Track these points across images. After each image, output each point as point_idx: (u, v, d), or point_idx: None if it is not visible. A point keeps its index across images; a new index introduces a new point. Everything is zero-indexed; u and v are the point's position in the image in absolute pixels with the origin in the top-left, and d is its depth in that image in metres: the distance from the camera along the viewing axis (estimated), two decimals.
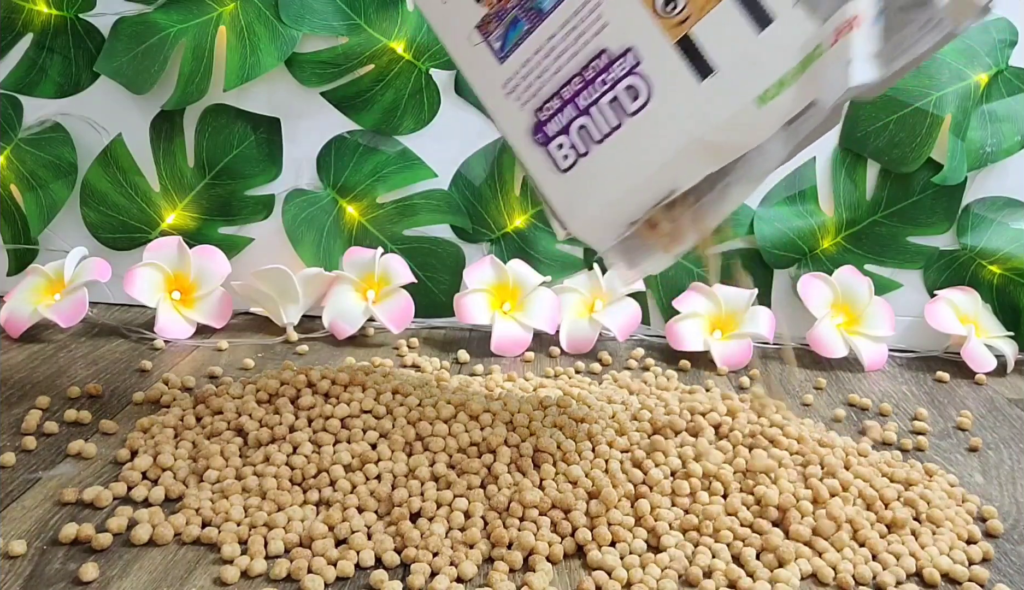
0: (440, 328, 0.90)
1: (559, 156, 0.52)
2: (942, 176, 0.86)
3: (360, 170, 0.88)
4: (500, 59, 0.53)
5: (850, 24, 0.45)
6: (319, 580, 0.47)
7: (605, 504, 0.53)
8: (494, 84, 0.53)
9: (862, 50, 0.46)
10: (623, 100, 0.50)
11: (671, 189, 0.51)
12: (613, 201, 0.52)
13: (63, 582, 0.46)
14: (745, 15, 0.47)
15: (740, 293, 0.85)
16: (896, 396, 0.78)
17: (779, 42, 0.47)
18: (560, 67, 0.51)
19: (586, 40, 0.50)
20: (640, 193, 0.51)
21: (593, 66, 0.50)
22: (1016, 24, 0.86)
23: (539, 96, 0.52)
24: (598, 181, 0.52)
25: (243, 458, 0.58)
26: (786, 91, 0.47)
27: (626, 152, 0.51)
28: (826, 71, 0.46)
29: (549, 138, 0.52)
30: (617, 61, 0.50)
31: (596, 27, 0.50)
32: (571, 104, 0.51)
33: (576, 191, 0.52)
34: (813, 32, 0.46)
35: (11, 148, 0.88)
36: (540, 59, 0.52)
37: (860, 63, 0.46)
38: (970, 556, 0.52)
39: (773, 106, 0.47)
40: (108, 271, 0.83)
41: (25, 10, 0.87)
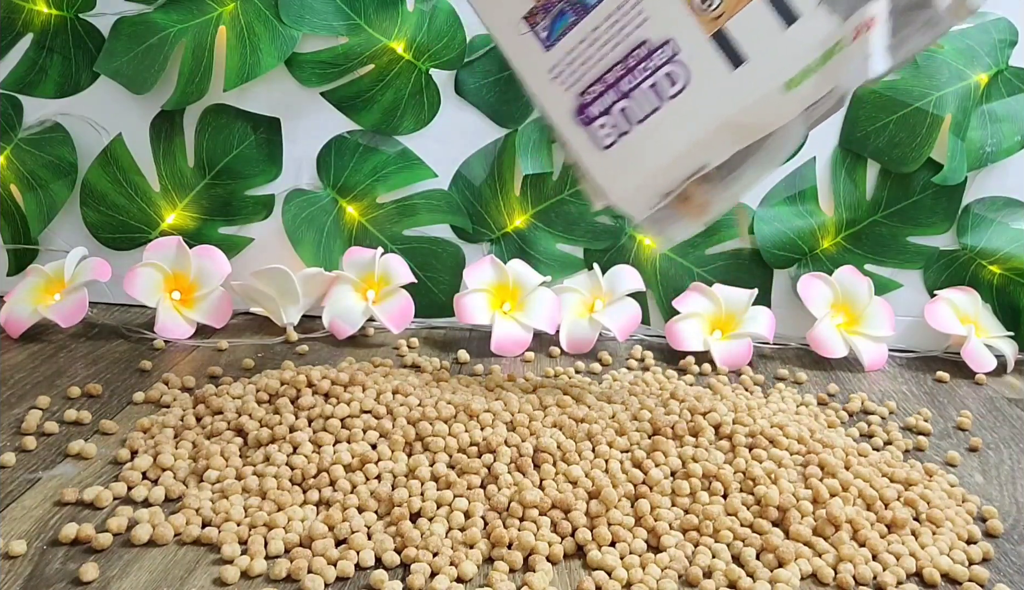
0: (440, 328, 0.90)
1: (601, 135, 0.58)
2: (942, 176, 0.86)
3: (360, 170, 0.88)
4: (546, 47, 0.58)
5: (868, 24, 0.52)
6: (319, 580, 0.47)
7: (605, 504, 0.53)
8: (539, 70, 0.59)
9: (878, 46, 0.52)
10: (662, 85, 0.56)
11: (703, 164, 0.57)
12: (650, 175, 0.58)
13: (63, 582, 0.46)
14: (774, 12, 0.53)
15: (740, 293, 0.85)
16: (896, 396, 0.78)
17: (804, 37, 0.53)
18: (604, 55, 0.57)
19: (628, 32, 0.56)
20: (675, 168, 0.57)
21: (635, 55, 0.56)
22: (1016, 24, 0.85)
23: (583, 81, 0.58)
24: (637, 157, 0.58)
25: (243, 458, 0.58)
26: (810, 79, 0.53)
27: (664, 131, 0.57)
28: (847, 63, 0.53)
29: (592, 119, 0.58)
30: (657, 51, 0.56)
31: (638, 20, 0.56)
32: (613, 88, 0.57)
33: (616, 166, 0.58)
34: (834, 29, 0.52)
35: (11, 148, 0.88)
36: (585, 48, 0.57)
37: (876, 57, 0.52)
38: (970, 556, 0.52)
39: (798, 92, 0.54)
40: (108, 271, 0.83)
41: (25, 10, 0.87)
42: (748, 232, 0.86)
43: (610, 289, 0.86)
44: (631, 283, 0.86)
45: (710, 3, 0.54)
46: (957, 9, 0.53)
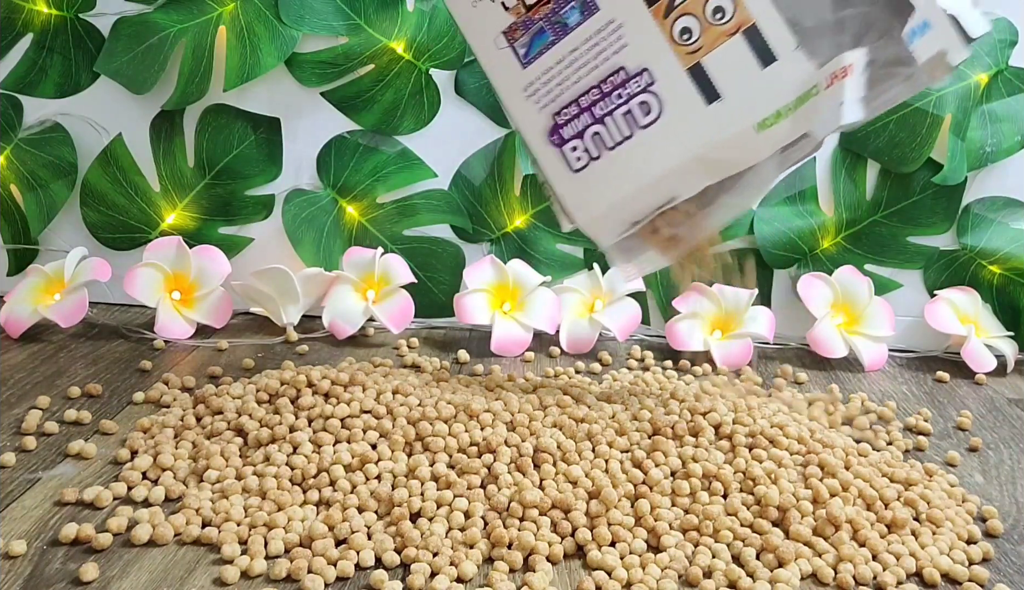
0: (440, 328, 0.90)
1: (572, 157, 0.58)
2: (942, 176, 0.86)
3: (360, 170, 0.88)
4: (524, 64, 0.58)
5: (844, 71, 0.52)
6: (319, 580, 0.47)
7: (605, 504, 0.53)
8: (515, 86, 0.59)
9: (852, 94, 0.52)
10: (636, 113, 0.56)
11: (672, 196, 0.57)
12: (618, 202, 0.58)
13: (63, 582, 0.46)
14: (751, 52, 0.54)
15: (740, 293, 0.85)
16: (896, 396, 0.78)
17: (780, 78, 0.53)
18: (580, 78, 0.57)
19: (606, 56, 0.56)
20: (643, 197, 0.57)
21: (611, 80, 0.56)
22: (1016, 24, 0.86)
23: (558, 102, 0.58)
24: (606, 183, 0.58)
25: (243, 458, 0.58)
26: (783, 122, 0.53)
27: (634, 160, 0.57)
28: (820, 108, 0.52)
29: (564, 140, 0.58)
30: (633, 78, 0.56)
31: (616, 46, 0.56)
32: (587, 112, 0.57)
33: (585, 190, 0.58)
34: (810, 74, 0.53)
35: (11, 148, 0.88)
36: (562, 69, 0.57)
37: (850, 105, 0.52)
38: (970, 556, 0.52)
39: (770, 133, 0.54)
40: (108, 271, 0.83)
41: (25, 10, 0.87)
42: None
43: (610, 289, 0.86)
44: (631, 283, 0.86)
45: (689, 36, 0.54)
46: (936, 67, 0.52)
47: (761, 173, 0.56)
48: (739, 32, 0.54)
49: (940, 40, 0.52)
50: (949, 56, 0.52)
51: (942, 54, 0.52)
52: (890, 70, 0.53)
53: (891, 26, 0.52)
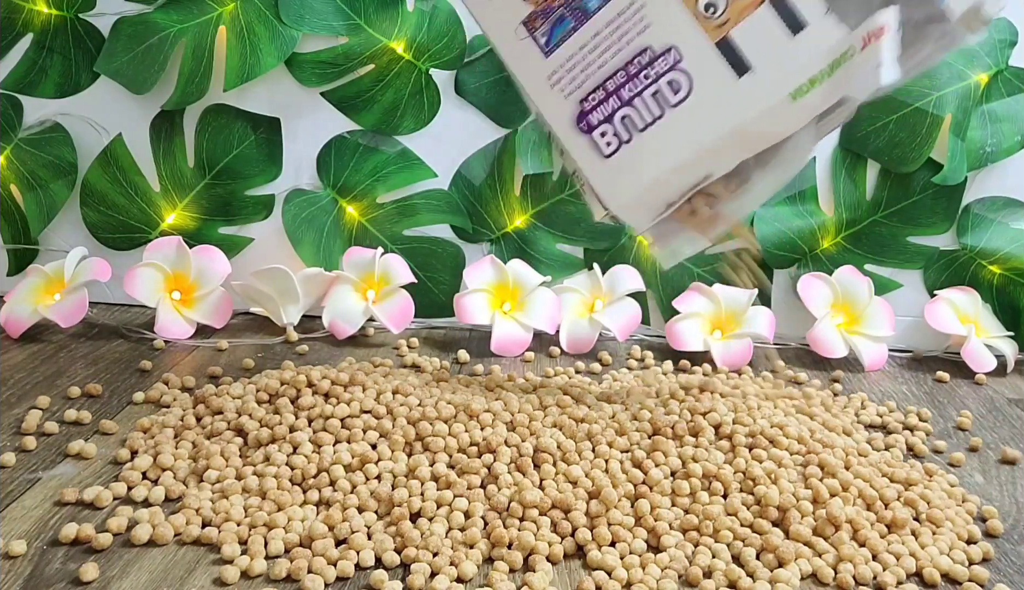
0: (440, 328, 0.90)
1: (602, 143, 0.57)
2: (942, 176, 0.86)
3: (360, 170, 0.88)
4: (546, 53, 0.57)
5: (880, 31, 0.51)
6: (319, 580, 0.47)
7: (605, 504, 0.53)
8: (539, 76, 0.58)
9: (888, 55, 0.51)
10: (665, 93, 0.55)
11: (707, 174, 0.56)
12: (653, 184, 0.57)
13: (63, 582, 0.46)
14: (780, 21, 0.53)
15: (740, 293, 0.85)
16: (896, 396, 0.78)
17: (811, 46, 0.52)
18: (604, 62, 0.56)
19: (630, 38, 0.55)
20: (678, 177, 0.57)
21: (637, 62, 0.56)
22: (1016, 24, 0.86)
23: (583, 88, 0.57)
24: (639, 166, 0.57)
25: (243, 458, 0.58)
26: (817, 89, 0.52)
27: (666, 139, 0.56)
28: (857, 72, 0.51)
29: (593, 126, 0.57)
30: (660, 58, 0.55)
31: (640, 27, 0.55)
32: (615, 96, 0.56)
33: (618, 175, 0.58)
34: (842, 38, 0.52)
35: (11, 148, 0.88)
36: (585, 54, 0.57)
37: (888, 66, 0.51)
38: (970, 556, 0.52)
39: (805, 102, 0.53)
40: (108, 271, 0.83)
41: (25, 10, 0.87)
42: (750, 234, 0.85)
43: (610, 289, 0.86)
44: (631, 283, 0.86)
45: (714, 10, 0.54)
46: (971, 20, 0.52)
47: (798, 144, 0.55)
48: (766, 2, 0.53)
49: None
50: (985, 8, 0.51)
51: (977, 7, 0.51)
52: (924, 30, 0.52)
53: None
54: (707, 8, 0.54)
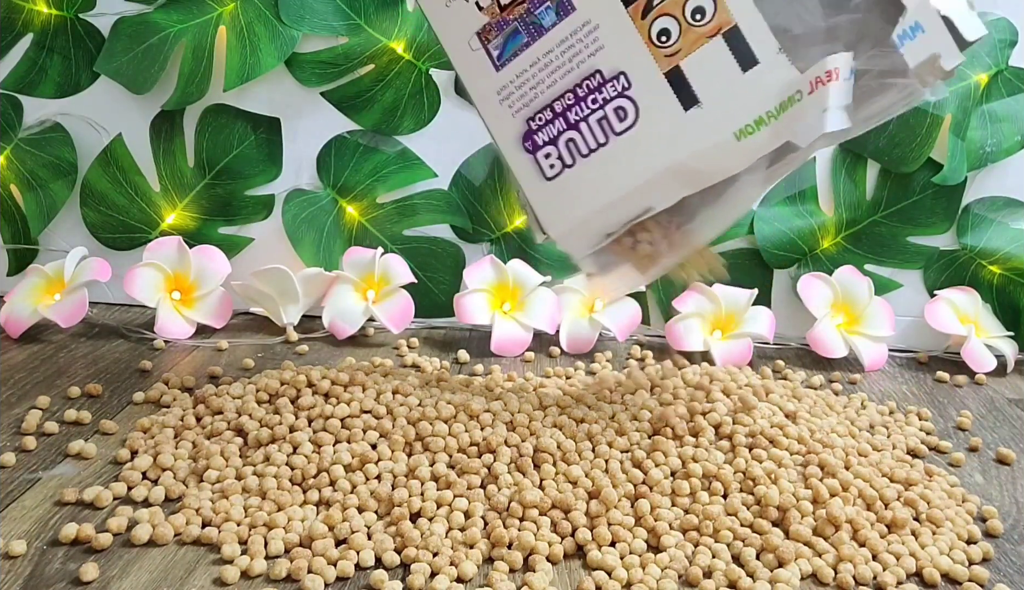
0: (440, 328, 0.90)
1: (546, 165, 0.56)
2: (942, 176, 0.86)
3: (360, 170, 0.88)
4: (497, 67, 0.56)
5: (828, 75, 0.48)
6: (319, 580, 0.47)
7: (605, 504, 0.53)
8: (489, 90, 0.56)
9: (837, 101, 0.49)
10: (611, 119, 0.54)
11: (648, 208, 0.54)
12: (592, 212, 0.56)
13: (63, 582, 0.46)
14: (731, 56, 0.51)
15: (740, 293, 0.85)
16: (896, 396, 0.78)
17: (761, 84, 0.50)
18: (554, 81, 0.55)
19: (581, 59, 0.54)
20: (618, 208, 0.55)
21: (586, 84, 0.54)
22: (1016, 24, 0.85)
23: (531, 106, 0.56)
24: (580, 192, 0.55)
25: (243, 458, 0.58)
26: (763, 130, 0.51)
27: (609, 168, 0.54)
28: (803, 116, 0.49)
29: (538, 147, 0.56)
30: (609, 83, 0.53)
31: (592, 48, 0.53)
32: (561, 117, 0.55)
33: (558, 199, 0.56)
34: (793, 79, 0.49)
35: (11, 148, 0.88)
36: (536, 72, 0.55)
37: (834, 113, 0.49)
38: (970, 556, 0.52)
39: (750, 142, 0.51)
40: (108, 271, 0.83)
41: (25, 10, 0.87)
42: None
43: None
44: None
45: (667, 38, 0.52)
46: (928, 73, 0.49)
47: (742, 188, 0.53)
48: (719, 34, 0.51)
49: (932, 44, 0.48)
50: (942, 61, 0.48)
51: (934, 58, 0.48)
52: (886, 81, 0.50)
53: (886, 34, 0.49)
54: (661, 35, 0.52)
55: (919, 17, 0.48)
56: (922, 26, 0.48)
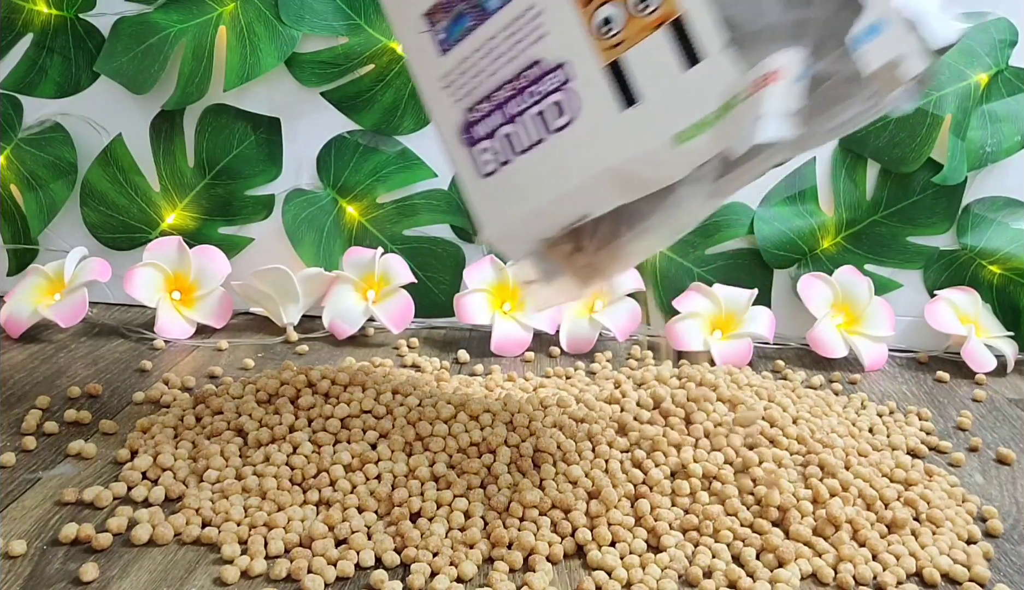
0: (440, 328, 0.90)
1: (481, 160, 0.52)
2: (942, 176, 0.86)
3: (360, 170, 0.88)
4: (442, 52, 0.52)
5: (768, 78, 0.43)
6: (319, 580, 0.47)
7: (605, 504, 0.53)
8: (432, 76, 0.52)
9: (776, 107, 0.43)
10: (548, 115, 0.49)
11: (584, 213, 0.50)
12: (527, 215, 0.51)
13: (63, 582, 0.46)
14: (675, 50, 0.45)
15: (740, 293, 0.85)
16: (896, 396, 0.78)
17: (703, 83, 0.45)
18: (496, 70, 0.50)
19: (524, 47, 0.49)
20: (553, 212, 0.50)
21: (526, 75, 0.49)
22: (1016, 24, 0.85)
23: (472, 96, 0.51)
24: (515, 192, 0.51)
25: (243, 458, 0.58)
26: (703, 135, 0.45)
27: (543, 168, 0.50)
28: (739, 122, 0.44)
29: (475, 140, 0.52)
30: (549, 74, 0.49)
31: (535, 36, 0.49)
32: (500, 110, 0.50)
33: (493, 198, 0.52)
34: (736, 79, 0.44)
35: (11, 148, 0.88)
36: (478, 59, 0.51)
37: (771, 120, 0.43)
38: (970, 556, 0.52)
39: (688, 147, 0.46)
40: (108, 271, 0.83)
41: (25, 10, 0.87)
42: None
43: (610, 289, 0.86)
44: (631, 283, 0.86)
45: (610, 27, 0.47)
46: (888, 81, 0.44)
47: (686, 200, 0.47)
48: (663, 25, 0.45)
49: (891, 47, 0.43)
50: (902, 66, 0.43)
51: (894, 64, 0.43)
52: (848, 89, 0.44)
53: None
54: (604, 24, 0.47)
55: (878, 16, 0.43)
56: (881, 27, 0.43)
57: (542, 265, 0.53)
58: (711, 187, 0.47)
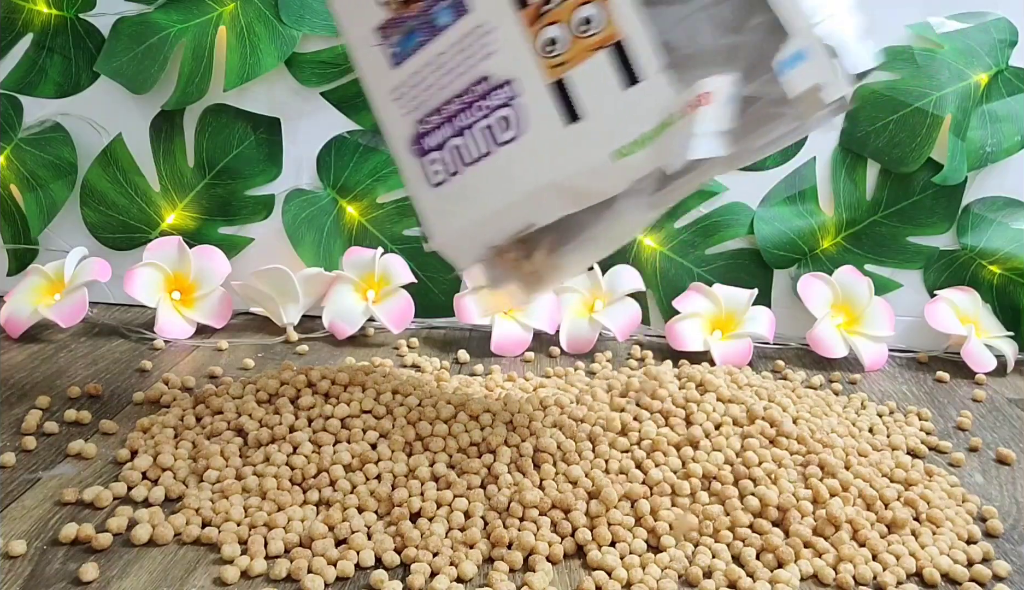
0: (440, 328, 0.90)
1: (431, 171, 0.54)
2: (942, 176, 0.86)
3: (360, 170, 0.88)
4: (394, 65, 0.54)
5: (701, 99, 0.46)
6: (319, 580, 0.47)
7: (605, 504, 0.53)
8: (384, 88, 0.55)
9: (708, 127, 0.46)
10: (496, 129, 0.52)
11: (529, 223, 0.52)
12: (474, 224, 0.54)
13: (63, 582, 0.46)
14: (616, 70, 0.48)
15: (740, 293, 0.85)
16: (896, 396, 0.78)
17: (642, 102, 0.48)
18: (446, 84, 0.53)
19: (473, 63, 0.52)
20: (500, 221, 0.53)
21: (474, 90, 0.52)
22: (1016, 24, 0.86)
23: (422, 108, 0.54)
24: (463, 202, 0.54)
25: (243, 458, 0.58)
26: (640, 151, 0.48)
27: (491, 179, 0.52)
28: (674, 140, 0.47)
29: (425, 151, 0.54)
30: (496, 90, 0.51)
31: (484, 52, 0.52)
32: (450, 123, 0.53)
33: (443, 207, 0.55)
34: (672, 99, 0.47)
35: (11, 148, 0.88)
36: (429, 73, 0.53)
37: (703, 139, 0.46)
38: (970, 556, 0.52)
39: (627, 163, 0.49)
40: (108, 271, 0.83)
41: (25, 10, 0.87)
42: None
43: (610, 289, 0.86)
44: (631, 283, 0.86)
45: (554, 47, 0.50)
46: (810, 105, 0.46)
47: (626, 212, 0.50)
48: (605, 47, 0.48)
49: (814, 74, 0.45)
50: (824, 92, 0.46)
51: (817, 88, 0.46)
52: (775, 110, 0.47)
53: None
54: (549, 43, 0.50)
55: (802, 45, 0.46)
56: (805, 54, 0.46)
57: (490, 272, 0.56)
58: (650, 200, 0.50)
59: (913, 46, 0.86)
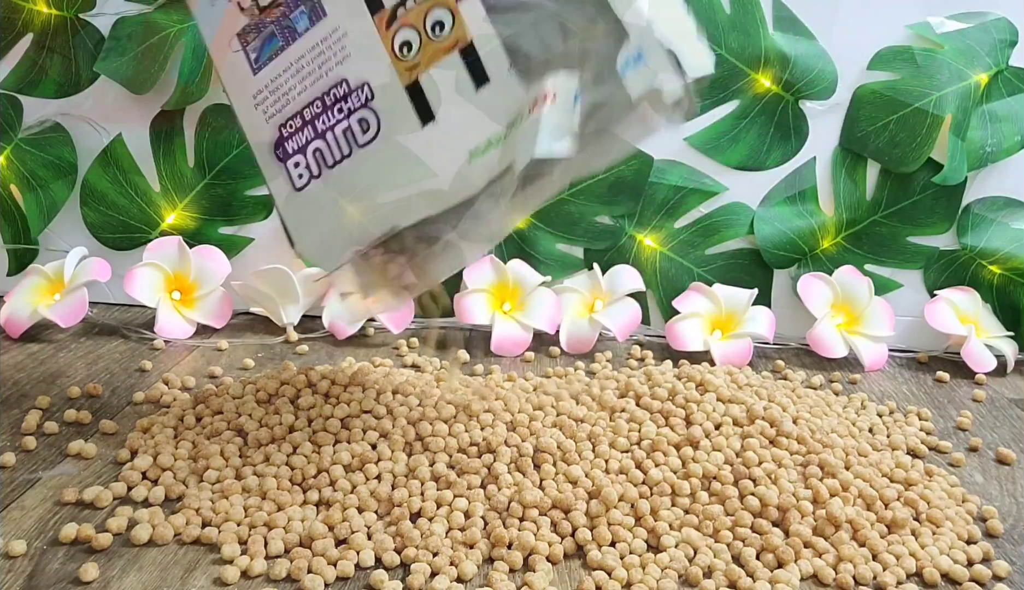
0: (440, 328, 0.89)
1: (295, 174, 0.55)
2: (942, 176, 0.86)
3: None
4: (254, 70, 0.54)
5: (544, 97, 0.47)
6: (319, 580, 0.47)
7: (605, 504, 0.53)
8: (246, 94, 0.55)
9: (552, 124, 0.47)
10: (355, 131, 0.52)
11: (392, 225, 0.53)
12: (338, 227, 0.54)
13: (63, 582, 0.46)
14: (466, 72, 0.50)
15: (740, 293, 0.85)
16: (896, 396, 0.78)
17: (493, 103, 0.49)
18: (305, 88, 0.53)
19: (330, 67, 0.53)
20: (363, 224, 0.53)
21: (333, 93, 0.53)
22: (1016, 24, 0.86)
23: (284, 113, 0.54)
24: (326, 205, 0.54)
25: (243, 458, 0.58)
26: (493, 151, 0.49)
27: (352, 181, 0.53)
28: (521, 138, 0.48)
29: (288, 155, 0.55)
30: (354, 92, 0.52)
31: (340, 56, 0.52)
32: (310, 126, 0.53)
33: (306, 211, 0.55)
34: (520, 99, 0.48)
35: (11, 148, 0.88)
36: (288, 77, 0.54)
37: (547, 137, 0.47)
38: (970, 556, 0.52)
39: (481, 163, 0.50)
40: (108, 271, 0.83)
41: (25, 10, 0.87)
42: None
43: (610, 289, 0.86)
44: (631, 283, 0.86)
45: (408, 50, 0.51)
46: (656, 105, 0.48)
47: (487, 213, 0.51)
48: (455, 50, 0.50)
49: (653, 74, 0.47)
50: (664, 92, 0.47)
51: (657, 91, 0.47)
52: (622, 112, 0.48)
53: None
54: (403, 47, 0.51)
55: (642, 46, 0.47)
56: (645, 56, 0.47)
57: (358, 278, 0.56)
58: (511, 202, 0.51)
59: (913, 46, 0.86)
